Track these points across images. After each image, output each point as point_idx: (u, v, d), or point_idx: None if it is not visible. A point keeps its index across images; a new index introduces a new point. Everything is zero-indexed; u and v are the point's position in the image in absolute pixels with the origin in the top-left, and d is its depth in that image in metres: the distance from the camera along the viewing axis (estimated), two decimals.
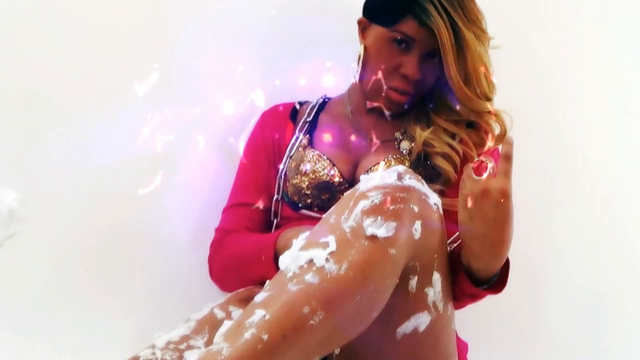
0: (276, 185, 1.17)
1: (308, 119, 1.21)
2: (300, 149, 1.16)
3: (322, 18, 1.37)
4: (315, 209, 1.12)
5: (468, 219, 0.88)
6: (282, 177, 1.16)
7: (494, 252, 0.88)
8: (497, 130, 1.09)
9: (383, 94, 1.10)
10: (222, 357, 0.68)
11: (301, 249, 0.78)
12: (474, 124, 1.09)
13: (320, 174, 1.11)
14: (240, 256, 1.10)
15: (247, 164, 1.21)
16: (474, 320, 1.14)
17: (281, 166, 1.17)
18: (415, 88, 1.09)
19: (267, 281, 0.80)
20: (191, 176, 1.31)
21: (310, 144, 1.17)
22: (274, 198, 1.17)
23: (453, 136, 1.09)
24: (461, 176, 0.90)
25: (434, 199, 0.85)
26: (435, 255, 0.85)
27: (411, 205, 0.80)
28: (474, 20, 1.03)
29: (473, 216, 0.87)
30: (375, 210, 0.79)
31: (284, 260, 0.79)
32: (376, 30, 1.09)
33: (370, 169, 1.09)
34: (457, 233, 0.93)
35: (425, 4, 1.01)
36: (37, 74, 1.24)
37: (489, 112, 1.07)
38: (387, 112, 1.14)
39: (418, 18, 1.02)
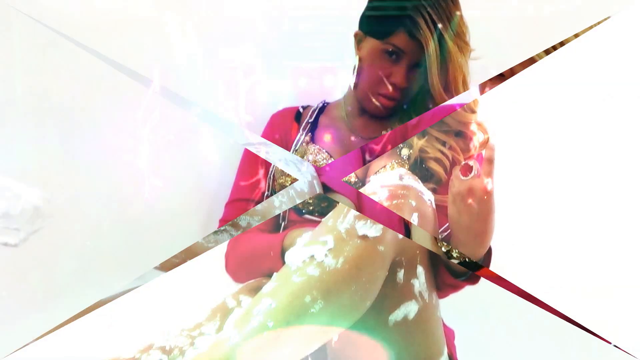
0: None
1: (310, 120, 1.29)
2: (303, 144, 1.25)
3: (321, 20, 1.40)
4: (316, 214, 1.20)
5: (456, 213, 0.98)
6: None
7: (477, 241, 0.99)
8: (480, 137, 1.18)
9: (374, 100, 1.19)
10: (231, 343, 0.77)
11: (304, 246, 0.88)
12: (461, 133, 1.18)
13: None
14: (253, 253, 1.19)
15: (252, 162, 1.30)
16: (459, 310, 1.21)
17: None
18: (401, 94, 1.18)
19: (274, 273, 0.89)
20: (199, 177, 1.37)
21: (312, 140, 1.26)
22: None
23: (444, 143, 1.18)
24: (450, 177, 1.01)
25: (428, 195, 0.98)
26: (418, 251, 0.96)
27: (410, 201, 0.93)
28: (459, 33, 1.11)
29: (460, 210, 0.97)
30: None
31: (289, 256, 0.89)
32: (370, 43, 1.16)
33: (378, 171, 1.18)
34: (447, 224, 1.04)
35: (416, 18, 1.09)
36: (60, 83, 1.29)
37: (474, 122, 1.16)
38: (377, 115, 1.22)
39: (409, 31, 1.10)
